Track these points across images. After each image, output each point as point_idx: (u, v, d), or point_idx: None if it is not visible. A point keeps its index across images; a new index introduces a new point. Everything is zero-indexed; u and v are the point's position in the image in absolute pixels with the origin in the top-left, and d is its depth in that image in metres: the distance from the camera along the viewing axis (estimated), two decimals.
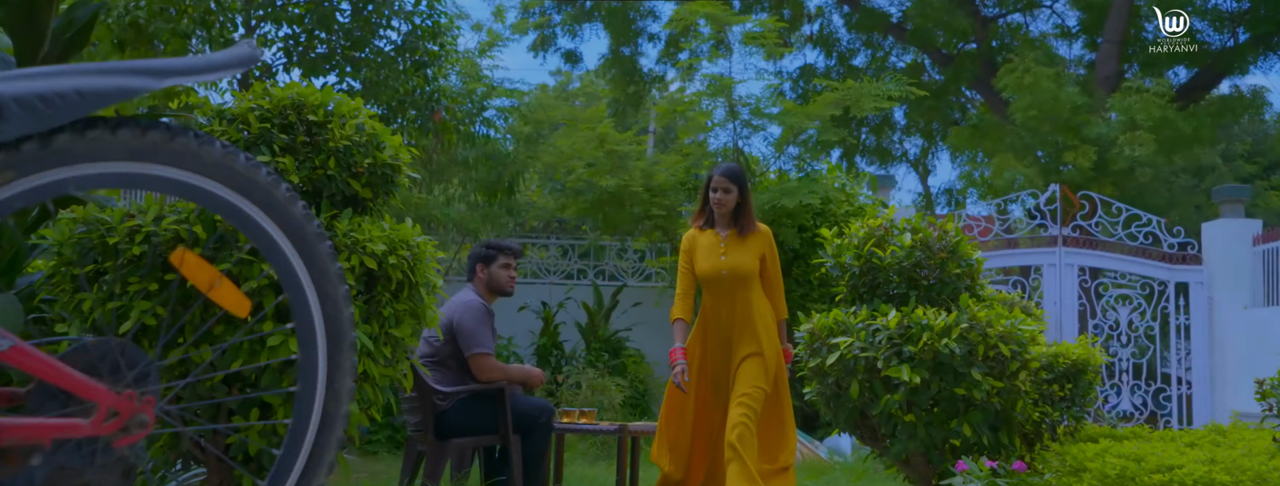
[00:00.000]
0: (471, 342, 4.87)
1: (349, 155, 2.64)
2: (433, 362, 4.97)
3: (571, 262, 10.95)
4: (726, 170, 4.68)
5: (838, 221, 9.82)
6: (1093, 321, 10.18)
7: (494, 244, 5.18)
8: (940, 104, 15.73)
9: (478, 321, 4.91)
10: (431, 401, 4.84)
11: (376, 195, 2.80)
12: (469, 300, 4.99)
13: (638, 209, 9.57)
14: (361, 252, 2.48)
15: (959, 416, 2.70)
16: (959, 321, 2.79)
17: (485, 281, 5.14)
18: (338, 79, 8.08)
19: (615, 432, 5.10)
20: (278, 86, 2.63)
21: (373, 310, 2.54)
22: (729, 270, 4.53)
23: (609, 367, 9.34)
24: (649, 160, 9.79)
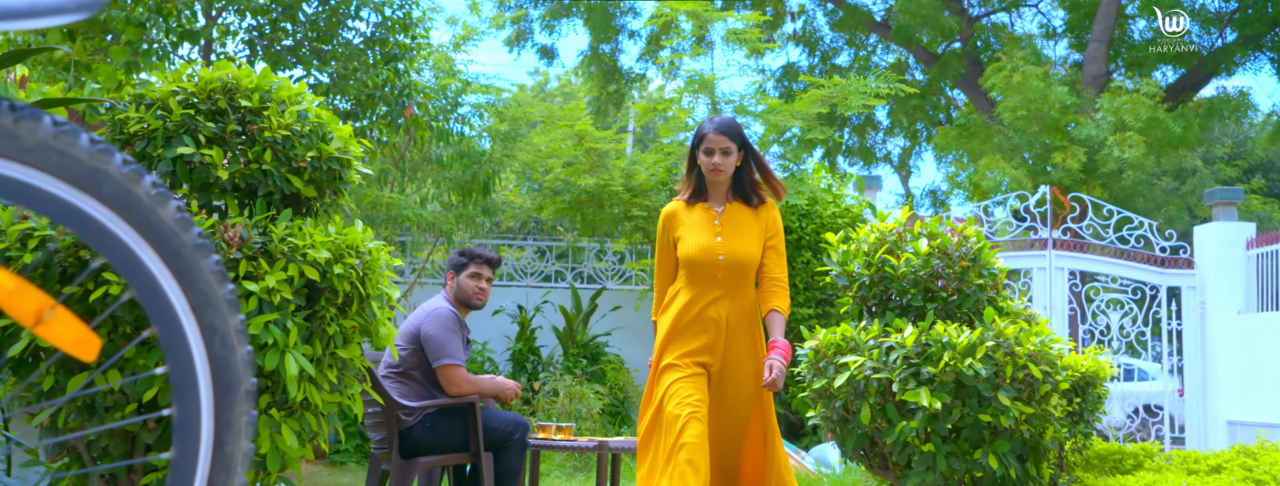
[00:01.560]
0: (440, 353, 4.52)
1: (289, 147, 2.26)
2: (397, 374, 4.62)
3: (549, 264, 10.60)
4: (722, 125, 3.60)
5: (824, 223, 9.53)
6: (1083, 326, 9.93)
7: (467, 251, 4.83)
8: (925, 103, 15.48)
9: (446, 331, 4.56)
10: (396, 417, 4.48)
11: (322, 193, 2.42)
12: (437, 308, 4.64)
13: (617, 209, 9.24)
14: (301, 261, 2.12)
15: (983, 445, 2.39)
16: (984, 339, 2.48)
17: (453, 290, 4.79)
18: (304, 72, 7.70)
19: (593, 449, 4.76)
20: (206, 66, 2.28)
21: (316, 328, 2.18)
22: (728, 255, 3.51)
23: (587, 374, 9.00)
24: (629, 159, 9.46)
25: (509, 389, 4.75)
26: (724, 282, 3.53)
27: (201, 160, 2.15)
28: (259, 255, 2.10)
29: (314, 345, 2.13)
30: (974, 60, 14.64)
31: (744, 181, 3.65)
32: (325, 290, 2.17)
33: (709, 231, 3.59)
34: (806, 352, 2.91)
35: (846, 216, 9.68)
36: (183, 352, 0.91)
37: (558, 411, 8.19)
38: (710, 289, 3.55)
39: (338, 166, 2.38)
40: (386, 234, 9.25)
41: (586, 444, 4.81)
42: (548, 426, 4.97)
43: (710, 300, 3.54)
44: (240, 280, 2.03)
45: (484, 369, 9.39)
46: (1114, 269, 9.94)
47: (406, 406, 4.46)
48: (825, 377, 2.61)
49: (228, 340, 0.93)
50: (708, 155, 3.59)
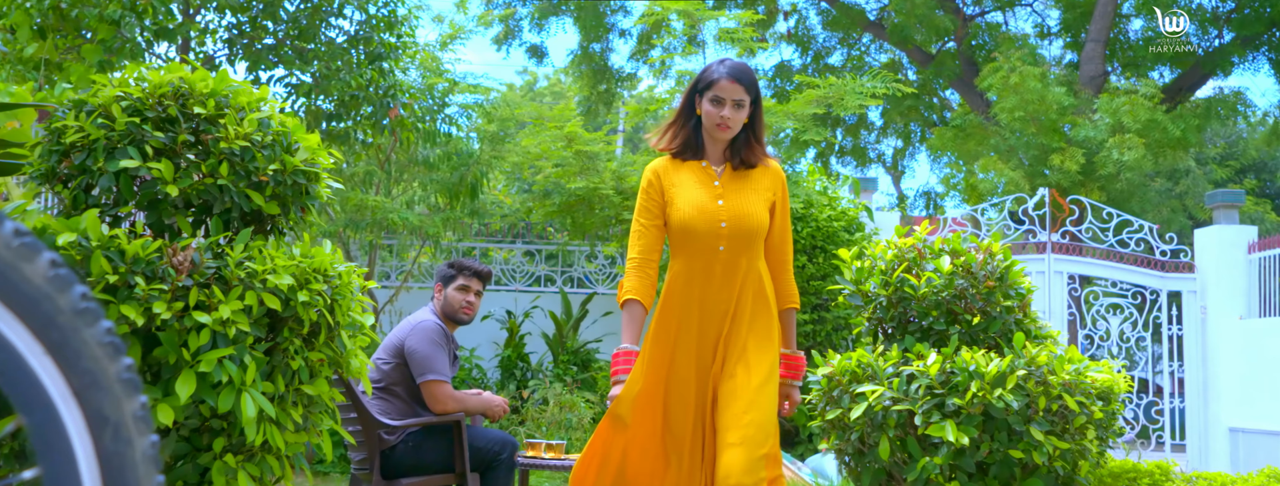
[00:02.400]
0: (424, 368, 4.30)
1: (248, 159, 2.02)
2: (379, 390, 4.39)
3: (538, 267, 10.38)
4: (738, 71, 2.98)
5: (819, 226, 9.33)
6: (1083, 331, 9.75)
7: (456, 263, 4.60)
8: (919, 104, 15.29)
9: (432, 345, 4.34)
10: (377, 436, 4.26)
11: (287, 210, 2.17)
12: (423, 321, 4.42)
13: (608, 212, 9.02)
14: (261, 288, 1.89)
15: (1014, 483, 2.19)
16: (1014, 367, 2.26)
17: (440, 303, 4.57)
18: (286, 71, 7.46)
19: None
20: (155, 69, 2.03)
21: (278, 362, 1.95)
22: (730, 220, 2.91)
23: (578, 382, 8.78)
24: (619, 161, 9.24)
25: (496, 405, 4.53)
26: (727, 257, 2.91)
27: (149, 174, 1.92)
28: (212, 282, 1.87)
29: (276, 381, 1.89)
30: (969, 60, 14.46)
31: (747, 140, 3.05)
32: (288, 320, 1.94)
33: (708, 192, 2.97)
34: (819, 380, 2.67)
35: (842, 219, 9.48)
36: (61, 450, 0.69)
37: (547, 420, 7.97)
38: (709, 264, 2.92)
39: (304, 180, 2.13)
40: (371, 238, 9.01)
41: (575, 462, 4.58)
42: (537, 444, 4.75)
43: (713, 271, 2.91)
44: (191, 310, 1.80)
45: (471, 376, 9.15)
46: (1113, 272, 9.77)
47: (388, 424, 4.24)
48: (840, 407, 2.40)
49: (122, 432, 0.71)
50: (716, 105, 2.95)
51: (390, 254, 10.42)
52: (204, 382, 1.76)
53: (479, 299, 4.58)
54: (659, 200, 3.06)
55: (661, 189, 3.06)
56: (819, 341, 9.53)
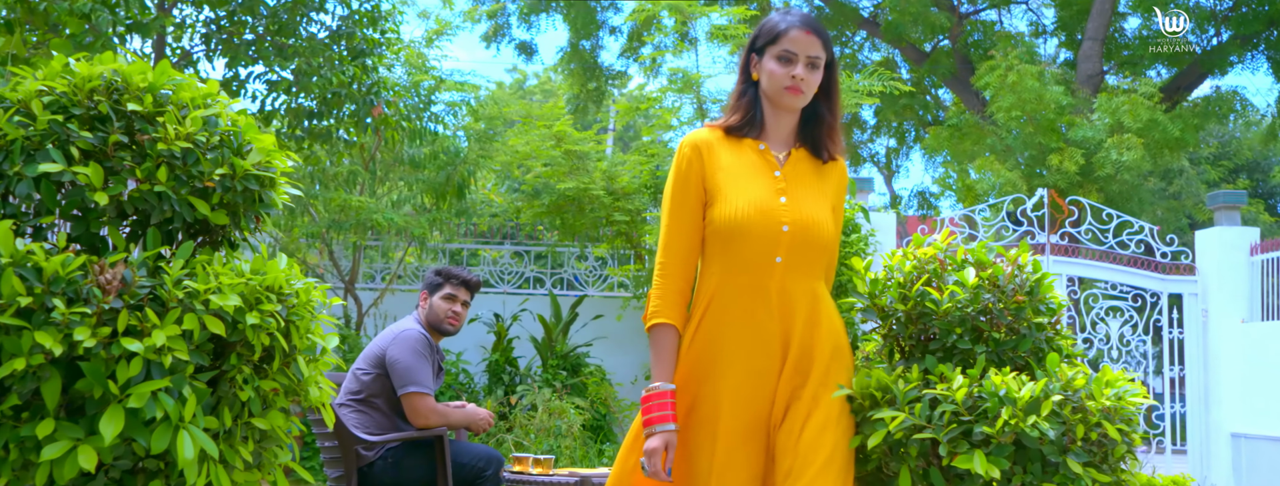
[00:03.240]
0: (406, 380, 4.07)
1: (191, 162, 1.78)
2: (357, 401, 4.16)
3: (527, 268, 10.14)
4: (810, 21, 2.37)
5: None
6: (1081, 335, 9.56)
7: (444, 270, 4.38)
8: (914, 102, 15.10)
9: (415, 355, 4.11)
10: (354, 452, 4.03)
11: (237, 220, 1.92)
12: (406, 330, 4.19)
13: (598, 213, 8.79)
14: (203, 310, 1.64)
15: None
16: (1049, 392, 2.06)
17: (425, 312, 4.35)
18: (265, 68, 7.22)
19: (575, 484, 4.32)
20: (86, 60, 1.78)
21: (224, 393, 1.70)
22: (795, 224, 2.30)
23: (567, 387, 8.56)
24: (610, 161, 9.01)
25: (481, 419, 4.31)
26: (783, 273, 2.27)
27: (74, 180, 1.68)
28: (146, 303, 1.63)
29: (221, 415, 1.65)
30: (964, 58, 14.27)
31: (821, 120, 2.39)
32: (236, 345, 1.70)
33: (767, 184, 2.30)
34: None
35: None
36: None
37: (536, 428, 7.75)
38: (761, 281, 2.26)
39: (258, 186, 1.89)
40: (355, 239, 8.77)
41: (566, 479, 4.36)
42: (524, 458, 4.52)
43: (758, 300, 2.26)
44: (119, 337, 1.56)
45: (458, 381, 8.92)
46: (1113, 275, 9.59)
47: (366, 439, 4.01)
48: (857, 434, 2.18)
49: None
50: (784, 64, 2.28)
51: (378, 255, 10.18)
52: (134, 419, 1.53)
53: (466, 309, 4.36)
54: (699, 188, 2.33)
55: (703, 174, 2.33)
56: None
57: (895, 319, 2.38)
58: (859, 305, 2.48)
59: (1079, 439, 2.02)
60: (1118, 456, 2.06)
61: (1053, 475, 1.99)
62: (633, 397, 9.09)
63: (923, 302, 2.27)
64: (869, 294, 2.47)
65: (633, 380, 9.37)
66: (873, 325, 2.50)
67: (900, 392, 2.15)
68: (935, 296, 2.21)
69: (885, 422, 2.12)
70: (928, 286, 2.28)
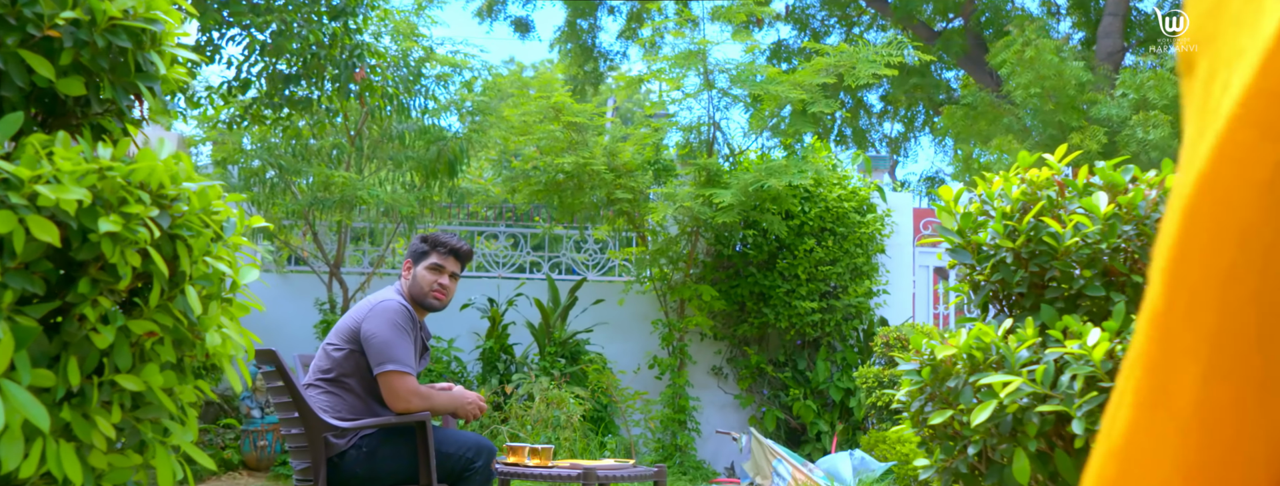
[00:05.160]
0: (383, 357, 3.53)
1: (25, 2, 1.22)
2: (326, 381, 3.61)
3: (523, 254, 9.60)
4: None
5: (829, 206, 8.59)
6: None
7: (431, 237, 3.83)
8: (924, 83, 14.55)
9: (395, 329, 3.56)
10: (323, 439, 3.49)
11: (95, 93, 1.34)
12: (385, 301, 3.64)
13: (599, 192, 8.25)
14: (26, 208, 1.07)
15: None
16: None
17: (408, 283, 3.80)
18: (240, 29, 6.67)
19: (577, 478, 3.78)
20: None
21: (72, 336, 1.12)
22: None
23: (566, 376, 8.02)
24: (612, 135, 8.47)
25: (470, 403, 3.76)
26: None
27: None
28: None
29: (65, 369, 1.11)
30: (977, 37, 13.72)
31: None
32: (88, 266, 1.15)
33: None
34: (916, 368, 1.88)
35: (853, 200, 8.75)
36: None
37: (533, 418, 7.21)
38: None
39: (131, 44, 1.31)
40: (339, 218, 8.22)
41: (567, 471, 3.82)
42: (520, 448, 3.99)
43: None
44: None
45: (450, 369, 8.37)
46: None
47: (336, 425, 3.47)
48: (950, 408, 1.64)
49: None
50: None
51: (368, 241, 9.63)
52: None
53: (454, 282, 3.81)
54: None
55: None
56: (827, 333, 8.80)
57: (996, 261, 1.83)
58: (944, 247, 1.94)
59: None
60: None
61: None
62: (636, 386, 8.56)
63: (1038, 238, 1.73)
64: (959, 229, 1.92)
65: (635, 369, 8.84)
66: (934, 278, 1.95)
67: (1010, 353, 1.61)
68: (1055, 229, 1.67)
69: (995, 391, 1.58)
70: (1044, 218, 1.74)
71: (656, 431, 8.36)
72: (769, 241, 8.57)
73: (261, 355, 3.55)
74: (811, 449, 8.45)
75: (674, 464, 8.07)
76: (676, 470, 7.99)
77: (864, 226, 8.72)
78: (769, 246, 8.59)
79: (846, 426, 8.58)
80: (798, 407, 8.49)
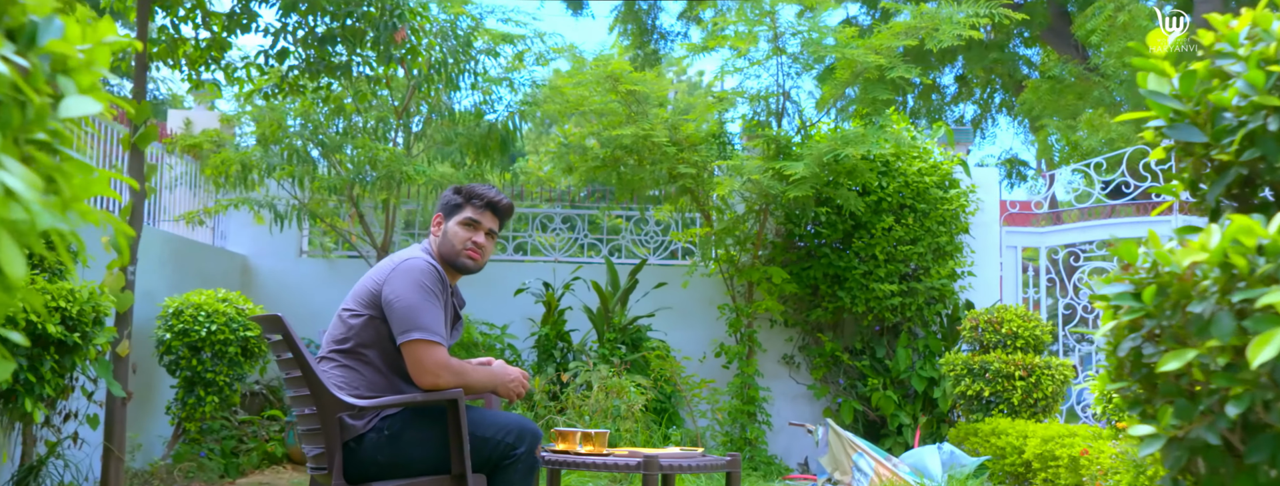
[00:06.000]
0: (408, 323, 3.00)
1: None
2: (342, 353, 3.10)
3: (581, 235, 9.07)
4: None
5: (908, 181, 7.92)
6: None
7: (465, 188, 3.28)
8: (1004, 58, 13.74)
9: (421, 291, 3.03)
10: (338, 420, 2.97)
11: None
12: (411, 260, 3.11)
13: (660, 166, 7.68)
14: None
15: None
16: None
17: (437, 241, 3.26)
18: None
19: (635, 468, 3.22)
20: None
21: None
22: None
23: (627, 363, 7.47)
24: (675, 105, 7.89)
25: (512, 379, 3.22)
26: None
27: None
28: None
29: None
30: (1060, 9, 12.91)
31: None
32: None
33: None
34: (1129, 290, 1.27)
35: (935, 174, 8.07)
36: None
37: (592, 408, 6.66)
38: None
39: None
40: (385, 197, 7.76)
41: (626, 460, 3.26)
42: (570, 433, 3.44)
43: None
44: None
45: (505, 358, 7.87)
46: None
47: (353, 403, 2.95)
48: (1192, 346, 1.06)
49: None
50: None
51: (421, 228, 9.17)
52: None
53: (491, 242, 3.27)
54: None
55: None
56: (908, 317, 8.14)
57: (1252, 131, 1.24)
58: (1155, 123, 1.34)
59: None
60: None
61: None
62: (703, 374, 7.98)
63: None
64: (1182, 95, 1.33)
65: (701, 357, 8.26)
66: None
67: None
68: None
69: (1276, 317, 0.99)
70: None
71: (724, 423, 7.77)
72: (844, 219, 7.94)
73: (265, 321, 3.04)
74: (892, 443, 7.80)
75: (744, 458, 7.49)
76: (747, 465, 7.40)
77: (947, 203, 8.05)
78: (844, 225, 7.96)
79: (931, 419, 7.92)
80: (877, 398, 7.85)
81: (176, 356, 6.35)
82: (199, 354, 6.35)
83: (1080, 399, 8.87)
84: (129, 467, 6.15)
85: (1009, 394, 6.68)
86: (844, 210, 7.84)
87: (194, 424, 6.50)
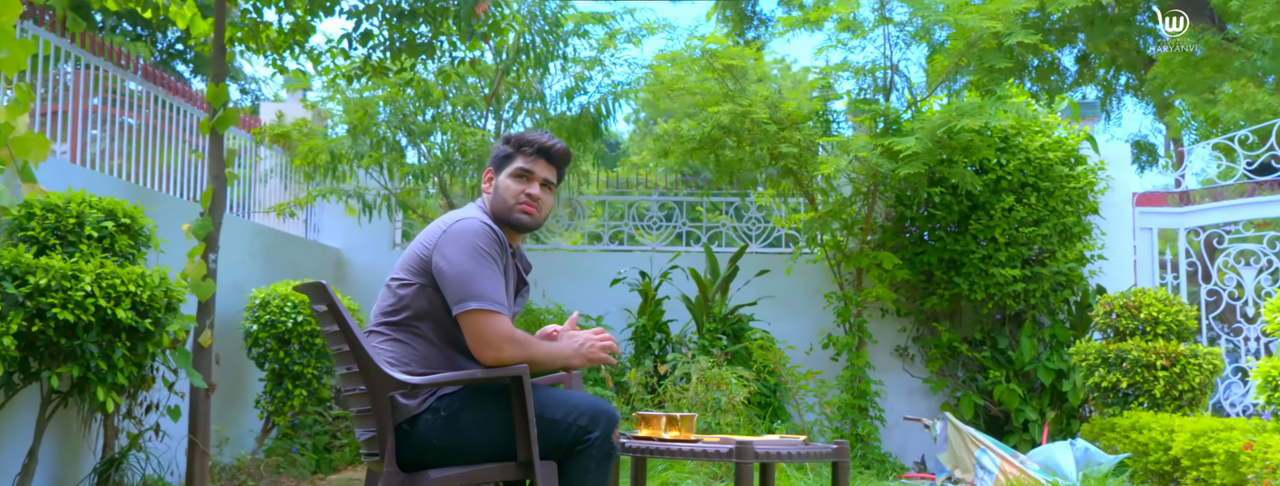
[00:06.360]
0: (463, 292, 2.66)
1: None
2: (392, 326, 2.77)
3: (678, 224, 8.70)
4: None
5: (1030, 158, 7.35)
6: None
7: (514, 136, 2.93)
8: (1129, 32, 12.88)
9: (476, 255, 2.69)
10: (389, 400, 2.65)
11: None
12: (463, 220, 2.77)
13: (760, 147, 7.26)
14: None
15: None
16: None
17: (490, 199, 2.91)
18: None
19: (727, 456, 2.82)
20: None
21: None
22: None
23: (728, 354, 7.07)
24: (778, 82, 7.46)
25: (586, 343, 2.84)
26: None
27: None
28: None
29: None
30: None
31: None
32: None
33: None
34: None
35: (1059, 150, 7.46)
36: None
37: (690, 401, 6.28)
38: None
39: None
40: (474, 183, 7.51)
41: (717, 447, 2.86)
42: (654, 417, 3.06)
43: None
44: None
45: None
46: None
47: (405, 381, 2.62)
48: None
49: None
50: None
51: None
52: None
53: (548, 194, 2.90)
54: None
55: None
56: (1032, 305, 7.54)
57: None
58: None
59: None
60: None
61: None
62: (809, 366, 7.52)
63: None
64: None
65: (807, 349, 7.80)
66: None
67: None
68: None
69: None
70: None
71: (834, 419, 7.29)
72: (959, 200, 7.39)
73: (310, 290, 2.74)
74: (1018, 440, 7.22)
75: (855, 456, 7.00)
76: (858, 463, 6.91)
77: (1073, 181, 7.43)
78: (959, 206, 7.41)
79: (1059, 414, 7.31)
80: (999, 392, 7.27)
81: (264, 348, 6.19)
82: (286, 346, 6.17)
83: (1227, 393, 8.12)
84: (217, 462, 6.00)
85: (1150, 385, 6.06)
86: (959, 190, 7.29)
87: (283, 417, 6.33)
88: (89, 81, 6.08)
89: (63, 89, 5.97)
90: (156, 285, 4.52)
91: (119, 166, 6.40)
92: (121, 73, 6.19)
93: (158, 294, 4.51)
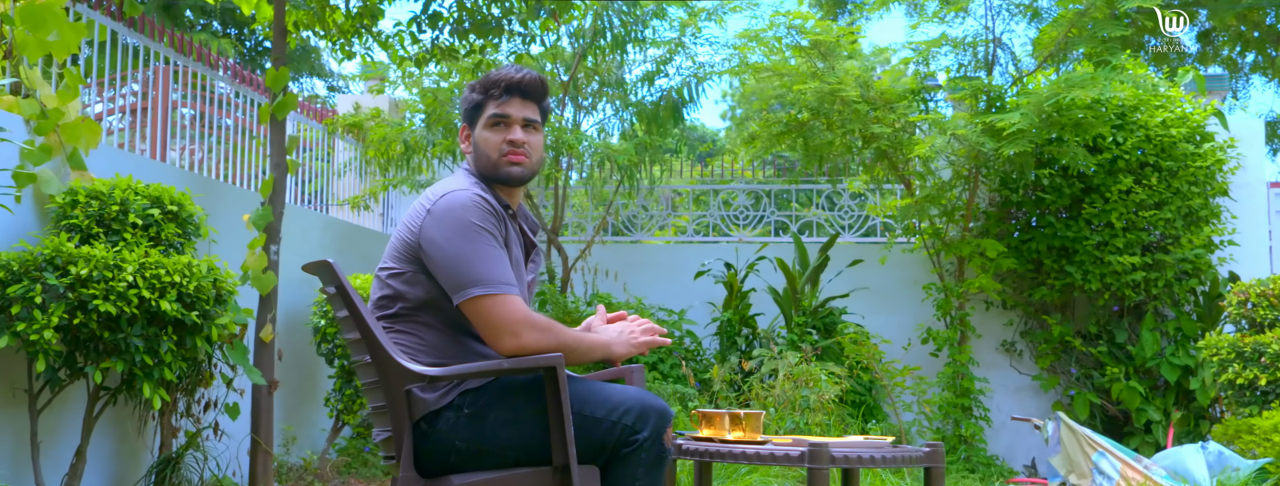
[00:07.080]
0: (459, 278, 2.29)
1: None
2: (389, 318, 2.43)
3: (766, 214, 8.27)
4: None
5: (1150, 135, 6.73)
6: None
7: (477, 82, 2.52)
8: (1259, 6, 11.97)
9: (466, 234, 2.30)
10: (406, 395, 2.31)
11: None
12: (449, 194, 2.38)
13: (851, 128, 6.79)
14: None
15: None
16: None
17: (472, 159, 2.52)
18: None
19: (798, 461, 2.41)
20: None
21: None
22: None
23: (818, 350, 6.62)
24: (868, 58, 6.99)
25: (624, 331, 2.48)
26: None
27: None
28: None
29: None
30: None
31: None
32: None
33: None
34: None
35: (1183, 126, 6.82)
36: None
37: (777, 399, 5.86)
38: None
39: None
40: (547, 172, 7.21)
41: (786, 449, 2.46)
42: (715, 414, 2.67)
43: None
44: None
45: (684, 346, 7.16)
46: None
47: (421, 373, 2.27)
48: None
49: None
50: None
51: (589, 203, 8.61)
52: None
53: (535, 136, 2.48)
54: None
55: None
56: (1153, 295, 6.91)
57: None
58: None
59: None
60: None
61: None
62: (906, 362, 7.02)
63: None
64: None
65: (905, 344, 7.30)
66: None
67: None
68: None
69: None
70: None
71: (934, 418, 6.79)
72: (1070, 181, 6.81)
73: (317, 270, 2.42)
74: (1140, 443, 6.61)
75: (958, 458, 6.49)
76: (962, 466, 6.39)
77: (1199, 159, 6.78)
78: (1071, 188, 6.82)
79: (1186, 414, 6.67)
80: (1117, 390, 6.67)
81: (333, 345, 5.97)
82: None
83: None
84: (283, 462, 5.80)
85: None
86: (1071, 171, 6.71)
87: (352, 416, 6.10)
88: (169, 76, 5.95)
89: (146, 85, 5.86)
90: (204, 275, 4.29)
91: (198, 161, 6.29)
92: (201, 67, 6.05)
93: (205, 285, 4.29)
